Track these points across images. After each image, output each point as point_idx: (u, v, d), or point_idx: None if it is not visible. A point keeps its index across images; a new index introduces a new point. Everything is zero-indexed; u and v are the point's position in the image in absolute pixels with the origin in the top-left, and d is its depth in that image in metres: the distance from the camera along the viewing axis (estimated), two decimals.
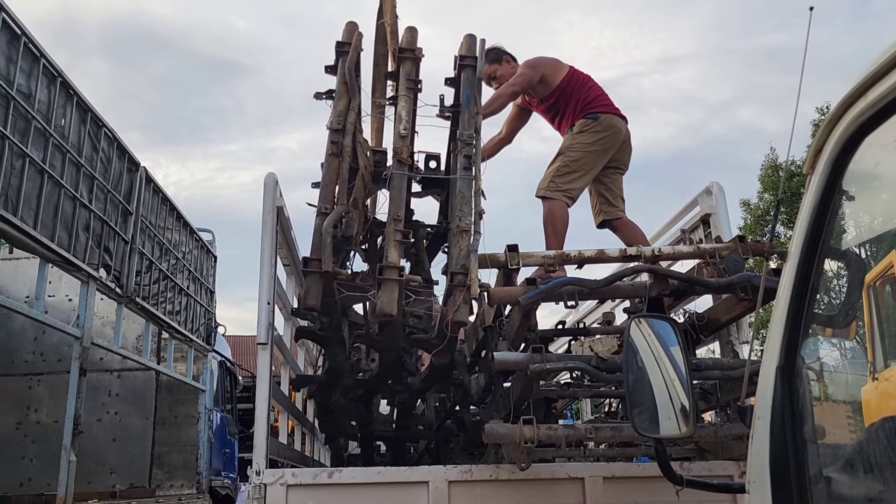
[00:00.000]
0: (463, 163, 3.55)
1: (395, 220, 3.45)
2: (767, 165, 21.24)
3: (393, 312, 3.25)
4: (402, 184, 3.61)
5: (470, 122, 3.65)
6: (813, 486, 1.43)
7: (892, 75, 1.33)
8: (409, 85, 3.78)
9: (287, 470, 3.35)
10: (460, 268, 3.25)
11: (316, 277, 3.28)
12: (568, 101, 4.50)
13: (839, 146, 1.47)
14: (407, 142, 3.65)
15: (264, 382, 3.46)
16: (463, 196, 3.47)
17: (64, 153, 4.39)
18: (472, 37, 3.88)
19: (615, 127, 4.42)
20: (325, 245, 3.27)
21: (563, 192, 4.27)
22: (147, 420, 7.23)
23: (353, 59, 3.80)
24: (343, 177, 3.53)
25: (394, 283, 3.28)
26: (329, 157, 3.56)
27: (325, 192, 3.52)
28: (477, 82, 3.80)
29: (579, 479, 3.38)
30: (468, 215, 3.40)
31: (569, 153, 4.34)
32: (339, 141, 3.58)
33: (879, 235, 1.91)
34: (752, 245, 3.56)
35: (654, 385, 1.74)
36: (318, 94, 3.86)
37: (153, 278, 6.05)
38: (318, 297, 3.30)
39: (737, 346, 3.78)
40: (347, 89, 3.72)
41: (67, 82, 4.40)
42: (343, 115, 3.64)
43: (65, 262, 4.46)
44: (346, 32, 3.94)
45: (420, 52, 3.85)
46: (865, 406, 2.01)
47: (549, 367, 3.04)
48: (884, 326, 4.52)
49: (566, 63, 4.62)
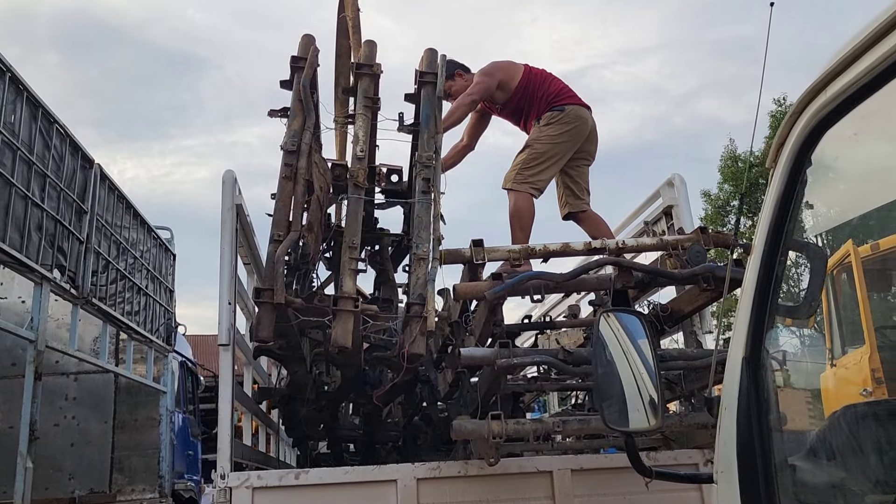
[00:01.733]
0: (422, 186, 3.45)
1: (351, 248, 3.35)
2: (727, 156, 21.72)
3: (347, 344, 3.16)
4: (359, 209, 3.49)
5: (430, 143, 3.54)
6: (779, 474, 1.45)
7: (851, 71, 1.35)
8: (366, 103, 3.65)
9: (252, 472, 3.31)
10: (417, 297, 3.16)
11: (268, 308, 3.17)
12: (531, 100, 4.50)
13: (801, 140, 1.49)
14: (364, 164, 3.53)
15: (227, 384, 3.40)
16: (421, 221, 3.37)
17: (14, 150, 4.23)
18: (432, 51, 3.80)
19: (581, 118, 4.44)
20: (277, 275, 3.16)
21: (530, 183, 4.28)
22: (106, 424, 7.05)
23: (309, 75, 3.68)
24: (297, 200, 3.40)
25: (349, 314, 3.18)
26: (282, 181, 3.42)
27: (277, 216, 3.38)
28: (437, 100, 3.70)
29: (548, 473, 3.40)
30: (426, 242, 3.30)
31: (536, 145, 4.35)
32: (294, 163, 3.44)
33: (837, 226, 1.95)
34: (714, 236, 3.61)
35: (623, 378, 1.75)
36: (272, 111, 3.71)
37: (110, 278, 5.90)
38: (270, 328, 3.18)
39: (700, 335, 3.85)
40: (302, 107, 3.58)
41: (17, 77, 4.25)
42: (298, 135, 3.50)
43: (17, 263, 4.31)
44: (302, 47, 3.80)
45: (378, 68, 3.73)
46: (825, 393, 2.07)
47: (516, 361, 3.04)
48: (841, 314, 4.65)
49: (520, 63, 4.62)
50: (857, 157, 1.60)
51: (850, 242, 3.97)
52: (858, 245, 4.29)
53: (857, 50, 1.31)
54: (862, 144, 1.53)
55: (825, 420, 1.52)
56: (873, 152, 1.62)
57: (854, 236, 2.92)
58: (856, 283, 4.64)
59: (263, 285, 3.23)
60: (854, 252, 4.46)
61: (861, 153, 1.61)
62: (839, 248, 3.14)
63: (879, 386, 4.46)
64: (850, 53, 1.33)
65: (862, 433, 1.46)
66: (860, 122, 1.39)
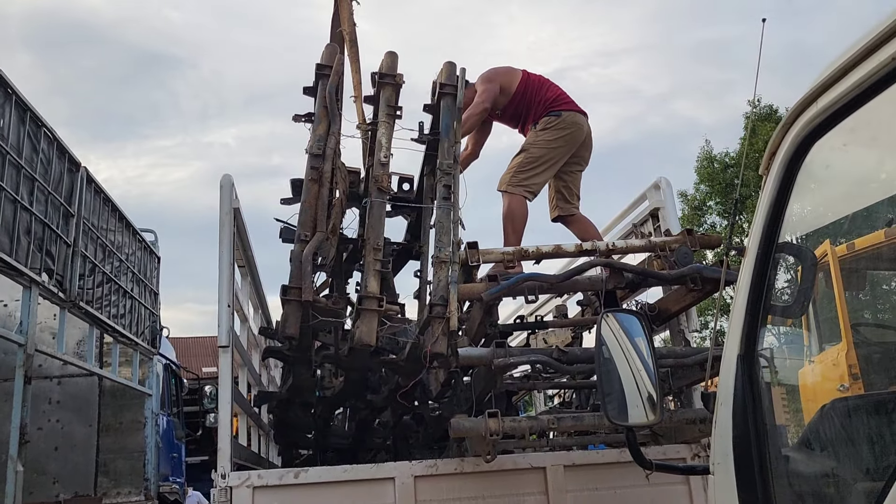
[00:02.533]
0: (442, 192, 3.53)
1: (376, 250, 3.45)
2: (703, 157, 22.03)
3: (372, 342, 3.26)
4: (382, 212, 3.61)
5: (449, 152, 3.62)
6: (773, 465, 1.54)
7: (840, 84, 1.44)
8: (388, 111, 3.76)
9: (253, 472, 3.35)
10: (439, 298, 3.23)
11: (295, 306, 3.25)
12: (529, 104, 4.59)
13: (792, 149, 1.58)
14: (387, 169, 3.64)
15: (226, 385, 3.44)
16: (442, 226, 3.44)
17: (3, 155, 4.21)
18: (451, 64, 3.88)
19: (577, 124, 4.54)
20: (305, 273, 3.25)
21: (524, 186, 4.37)
22: (91, 427, 6.98)
23: (335, 82, 3.76)
24: (322, 202, 3.49)
25: (373, 313, 3.28)
26: (309, 183, 3.52)
27: (304, 217, 3.47)
28: (457, 111, 3.77)
29: (541, 469, 3.49)
30: (447, 246, 3.37)
31: (531, 149, 4.44)
32: (320, 167, 3.53)
33: (820, 228, 2.05)
34: (700, 238, 3.73)
35: (623, 375, 1.83)
36: (296, 116, 3.80)
37: (96, 281, 5.86)
38: (297, 325, 3.27)
39: (687, 334, 3.95)
40: (327, 113, 3.67)
41: (5, 80, 4.23)
42: (323, 140, 3.60)
43: (7, 266, 4.29)
44: (327, 55, 3.89)
45: (400, 79, 3.83)
46: (805, 388, 2.17)
47: (512, 360, 3.12)
48: (818, 312, 4.79)
49: (518, 68, 4.71)
50: (843, 165, 1.70)
51: (827, 242, 4.10)
52: (836, 245, 4.44)
53: (847, 64, 1.40)
54: (848, 153, 1.62)
55: (816, 413, 1.61)
56: (858, 160, 1.72)
57: (834, 237, 3.04)
58: (833, 281, 4.78)
59: (290, 283, 3.29)
60: (831, 252, 4.60)
61: (846, 161, 1.71)
62: (816, 247, 3.28)
63: (856, 381, 4.61)
64: (841, 67, 1.42)
65: (851, 425, 1.55)
66: (848, 133, 1.48)
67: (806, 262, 1.66)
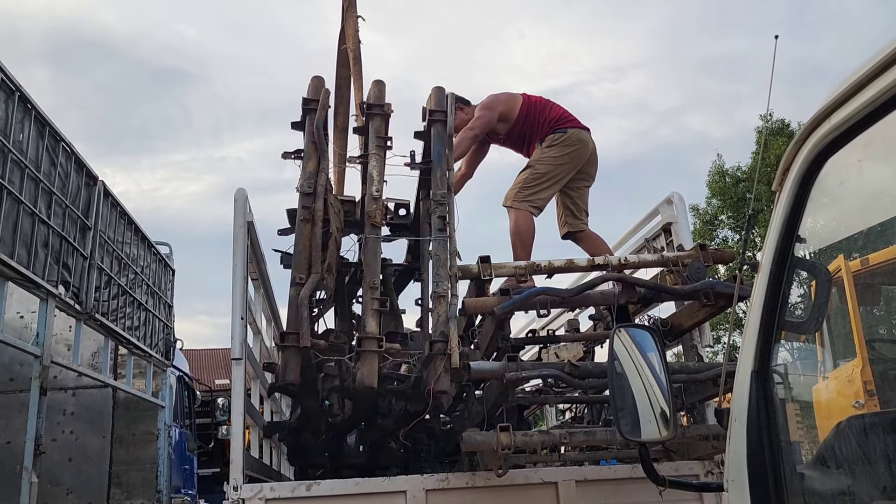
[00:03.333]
0: (437, 224, 3.46)
1: (372, 288, 3.37)
2: (714, 171, 21.96)
3: (373, 384, 3.20)
4: (377, 248, 3.53)
5: (442, 181, 3.56)
6: (788, 482, 1.53)
7: (854, 101, 1.44)
8: (379, 143, 3.69)
9: (265, 484, 3.35)
10: (439, 335, 3.18)
11: (294, 352, 3.20)
12: (533, 127, 4.62)
13: (805, 165, 1.58)
14: (380, 203, 3.57)
15: (239, 397, 3.46)
16: (438, 259, 3.37)
17: (23, 168, 4.28)
18: (440, 90, 3.84)
19: (582, 140, 4.57)
20: (302, 319, 3.18)
21: (530, 202, 4.39)
22: (104, 438, 7.02)
23: (322, 117, 3.70)
24: (316, 242, 3.43)
25: (374, 354, 3.22)
26: (301, 223, 3.46)
27: (298, 259, 3.40)
28: (447, 138, 3.72)
29: (553, 483, 3.47)
30: (444, 280, 3.30)
31: (537, 166, 4.46)
32: (311, 206, 3.47)
33: (834, 243, 2.05)
34: (714, 253, 3.71)
35: (636, 391, 1.83)
36: (285, 153, 3.73)
37: (112, 294, 5.92)
38: (297, 371, 3.22)
39: (700, 349, 3.93)
40: (316, 149, 3.60)
41: (26, 97, 4.31)
42: (313, 177, 3.53)
43: (24, 279, 4.34)
44: (313, 89, 3.82)
45: (389, 108, 3.77)
46: (819, 405, 2.16)
47: (524, 375, 3.12)
48: (832, 328, 4.75)
49: (518, 93, 4.74)
50: (857, 181, 1.70)
51: (841, 258, 4.08)
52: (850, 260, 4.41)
53: (861, 81, 1.41)
54: (862, 169, 1.62)
55: (832, 430, 1.60)
56: (872, 176, 1.72)
57: (848, 253, 3.03)
58: (847, 296, 4.75)
59: (288, 328, 3.24)
60: (845, 267, 4.57)
61: (860, 177, 1.71)
62: (829, 262, 3.27)
63: (871, 398, 4.56)
64: (854, 84, 1.42)
65: (868, 442, 1.54)
66: (862, 149, 1.49)
67: (820, 278, 1.66)
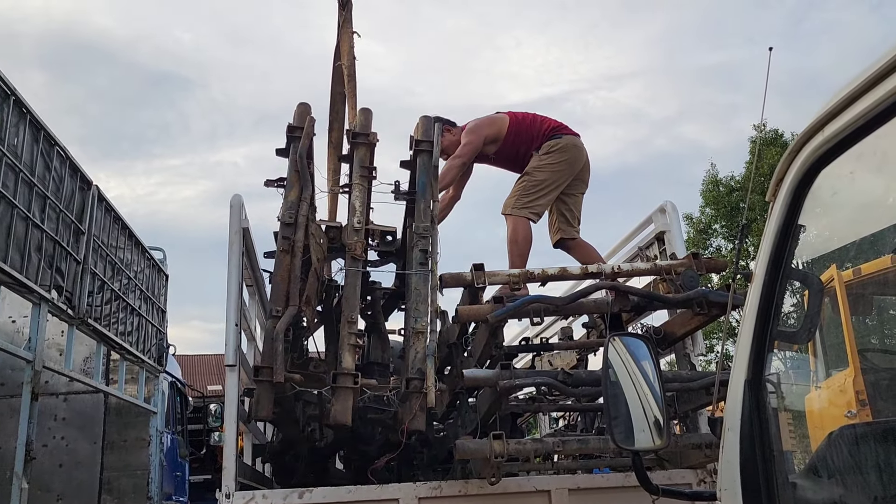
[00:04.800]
0: (419, 257, 3.40)
1: (350, 323, 3.31)
2: (708, 181, 22.07)
3: (347, 422, 3.15)
4: (356, 282, 3.47)
5: (426, 213, 3.50)
6: (781, 492, 1.53)
7: (847, 112, 1.46)
8: (363, 173, 3.64)
9: (257, 492, 3.34)
10: (416, 372, 3.13)
11: (267, 386, 3.15)
12: (525, 141, 4.62)
13: (799, 177, 1.60)
14: (361, 235, 3.51)
15: (232, 404, 3.44)
16: (419, 294, 3.31)
17: (17, 172, 4.27)
18: (427, 119, 3.82)
19: (577, 147, 4.62)
20: (276, 353, 3.13)
21: (529, 209, 4.41)
22: (95, 444, 6.99)
23: (306, 146, 3.66)
24: (295, 274, 3.37)
25: (349, 391, 3.17)
26: (280, 254, 3.40)
27: (276, 292, 3.34)
28: (433, 169, 3.67)
29: (546, 492, 3.46)
30: (424, 315, 3.25)
31: (535, 173, 4.48)
32: (291, 236, 3.41)
33: (827, 253, 2.06)
34: (707, 262, 3.73)
35: (629, 399, 1.83)
36: (268, 181, 3.67)
37: (105, 299, 5.90)
38: (270, 407, 3.17)
39: (693, 358, 3.94)
40: (299, 178, 3.56)
41: (21, 100, 4.30)
42: (294, 207, 3.48)
43: (17, 283, 4.33)
44: (298, 116, 3.77)
45: (374, 137, 3.72)
46: (812, 414, 2.17)
47: (518, 382, 3.12)
48: (824, 337, 4.78)
49: (503, 113, 4.74)
50: (850, 192, 1.71)
51: (833, 268, 4.11)
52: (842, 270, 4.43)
53: (855, 93, 1.42)
54: (855, 180, 1.64)
55: (824, 440, 1.61)
56: (865, 187, 1.73)
57: (841, 263, 3.05)
58: (839, 306, 4.77)
59: (262, 363, 3.19)
60: (838, 277, 4.59)
61: (853, 188, 1.72)
62: (822, 272, 3.29)
63: (864, 407, 4.58)
64: (848, 96, 1.44)
65: (860, 452, 1.55)
66: (855, 160, 1.50)
67: (813, 288, 1.67)
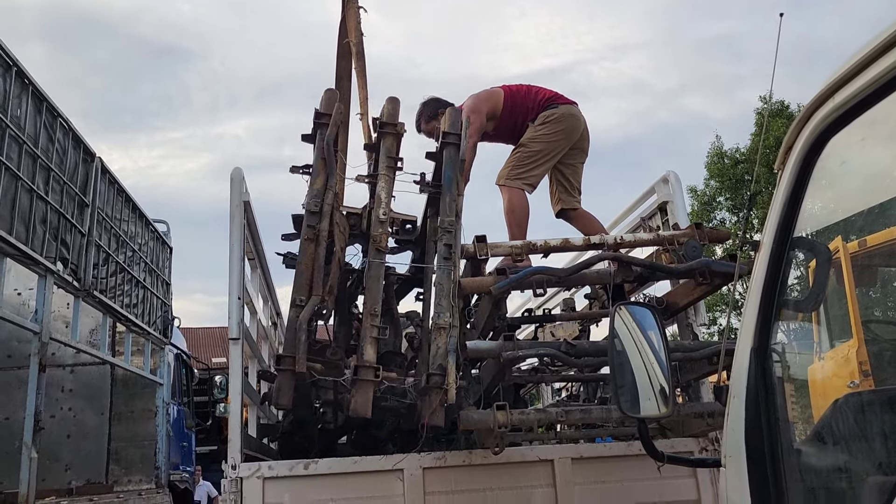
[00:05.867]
0: (443, 252, 3.34)
1: (372, 316, 3.28)
2: (713, 153, 21.92)
3: (367, 415, 3.12)
4: (380, 274, 3.43)
5: (451, 207, 3.43)
6: (785, 458, 1.55)
7: (858, 80, 1.44)
8: (389, 163, 3.58)
9: (263, 463, 3.38)
10: (437, 368, 3.09)
11: (288, 375, 3.12)
12: (521, 114, 4.57)
13: (808, 145, 1.59)
14: (385, 227, 3.46)
15: (237, 377, 3.47)
16: (441, 288, 3.25)
17: (20, 144, 4.26)
18: (456, 111, 3.73)
19: (574, 116, 4.56)
20: (299, 343, 3.10)
21: (523, 179, 4.38)
22: (103, 415, 7.08)
23: (333, 134, 3.58)
24: (319, 264, 3.32)
25: (369, 384, 3.15)
26: (304, 243, 3.34)
27: (299, 281, 3.29)
28: (460, 162, 3.58)
29: (549, 461, 3.50)
30: (446, 311, 3.19)
31: (530, 144, 4.45)
32: (316, 225, 3.35)
33: (834, 224, 2.06)
34: (710, 232, 3.73)
35: (635, 368, 1.84)
36: (294, 167, 3.61)
37: (110, 271, 5.93)
38: (290, 395, 3.14)
39: (695, 328, 3.96)
40: (325, 166, 3.47)
41: (23, 72, 4.27)
42: (320, 195, 3.41)
43: (23, 255, 4.34)
44: (326, 102, 3.68)
45: (402, 128, 3.65)
46: (815, 384, 2.18)
47: (521, 353, 3.13)
48: (828, 308, 4.78)
49: (497, 87, 4.68)
50: (859, 161, 1.70)
51: (839, 239, 4.10)
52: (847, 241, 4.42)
53: (865, 60, 1.41)
54: (865, 149, 1.63)
55: (829, 407, 1.62)
56: (874, 157, 1.72)
57: (848, 233, 3.05)
58: (844, 277, 4.77)
59: (285, 351, 3.17)
60: (843, 248, 4.58)
61: (862, 157, 1.71)
62: (828, 242, 3.29)
63: (866, 378, 4.59)
64: (858, 63, 1.42)
65: (864, 419, 1.56)
66: (865, 129, 1.49)
67: (821, 258, 1.67)
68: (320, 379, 3.54)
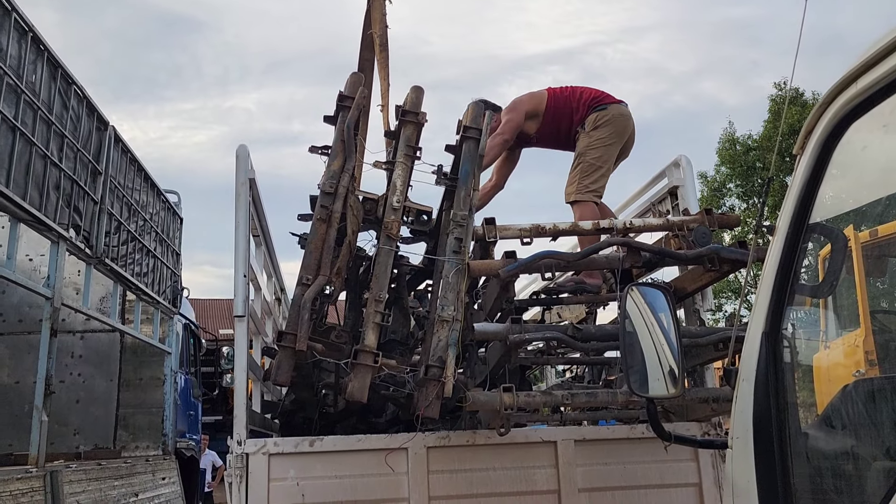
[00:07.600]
0: (453, 245, 3.33)
1: (377, 301, 3.26)
2: (725, 139, 21.76)
3: (363, 400, 3.13)
4: (389, 261, 3.42)
5: (465, 201, 3.41)
6: (793, 441, 1.56)
7: (883, 65, 1.43)
8: (408, 152, 3.56)
9: (269, 439, 3.41)
10: (436, 360, 3.09)
11: (289, 353, 3.12)
12: (567, 114, 4.54)
13: (828, 130, 1.58)
14: (398, 215, 3.46)
15: (242, 353, 3.49)
16: (447, 282, 3.25)
17: (35, 110, 4.27)
18: (478, 105, 3.70)
19: (624, 115, 4.51)
20: (302, 321, 3.11)
21: (592, 191, 4.36)
22: (111, 382, 7.15)
23: (354, 117, 3.57)
24: (329, 244, 3.33)
25: (368, 369, 3.15)
26: (316, 222, 3.34)
27: (308, 260, 3.30)
28: (479, 158, 3.56)
29: (552, 443, 3.53)
30: (451, 304, 3.17)
31: (589, 152, 4.40)
32: (330, 206, 3.35)
33: (852, 210, 2.05)
34: (719, 218, 3.71)
35: (646, 349, 1.85)
36: (313, 147, 3.59)
37: (122, 239, 5.96)
38: (289, 373, 3.15)
39: (702, 313, 3.96)
40: (344, 148, 3.47)
41: (38, 37, 4.27)
42: (336, 176, 3.40)
43: (36, 221, 4.37)
44: (350, 86, 3.67)
45: (423, 117, 3.62)
46: (822, 371, 2.19)
47: (527, 336, 3.13)
48: (837, 297, 4.77)
49: (541, 89, 4.65)
50: (881, 148, 1.69)
51: (850, 227, 4.08)
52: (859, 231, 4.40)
53: (890, 46, 1.39)
54: (887, 136, 1.61)
55: (837, 393, 1.63)
56: (892, 144, 1.71)
57: (864, 221, 3.03)
58: (854, 267, 4.75)
59: (287, 328, 3.18)
60: (854, 237, 4.56)
61: (884, 144, 1.70)
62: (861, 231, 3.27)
63: (872, 367, 4.60)
64: (884, 48, 1.41)
65: (873, 405, 1.57)
66: (889, 114, 1.47)
67: (837, 243, 1.66)
68: (322, 360, 3.56)
